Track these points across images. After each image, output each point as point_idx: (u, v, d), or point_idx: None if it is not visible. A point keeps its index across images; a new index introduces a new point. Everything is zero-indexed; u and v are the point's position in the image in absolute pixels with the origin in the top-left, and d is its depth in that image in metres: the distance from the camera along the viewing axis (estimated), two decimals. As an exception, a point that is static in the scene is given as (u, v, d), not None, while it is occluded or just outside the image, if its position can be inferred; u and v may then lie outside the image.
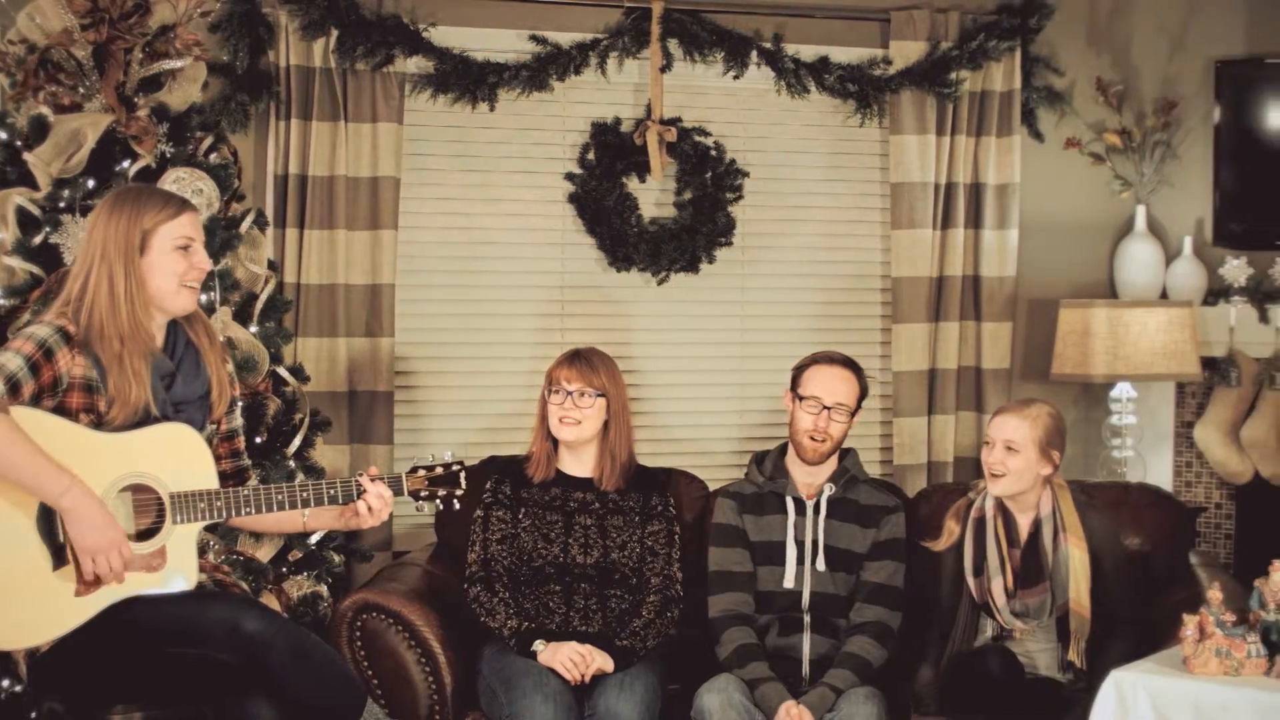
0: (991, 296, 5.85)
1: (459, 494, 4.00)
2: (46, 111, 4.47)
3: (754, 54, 5.61)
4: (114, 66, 4.56)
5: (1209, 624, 3.72)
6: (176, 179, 4.49)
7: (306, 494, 3.78)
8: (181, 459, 3.66)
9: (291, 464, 4.73)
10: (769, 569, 4.54)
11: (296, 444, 4.79)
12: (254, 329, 4.73)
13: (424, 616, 4.36)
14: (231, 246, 4.66)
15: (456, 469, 4.00)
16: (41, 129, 4.45)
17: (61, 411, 3.54)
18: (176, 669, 3.58)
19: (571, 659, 4.23)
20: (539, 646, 4.28)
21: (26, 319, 4.24)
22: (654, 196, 5.67)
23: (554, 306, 5.63)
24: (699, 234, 5.60)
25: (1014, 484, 4.37)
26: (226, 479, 3.83)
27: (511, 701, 4.15)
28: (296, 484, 3.81)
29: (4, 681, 4.14)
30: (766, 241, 5.81)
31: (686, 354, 5.77)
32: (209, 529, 4.30)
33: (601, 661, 4.26)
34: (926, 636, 4.51)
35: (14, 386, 3.44)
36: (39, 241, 4.40)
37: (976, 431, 5.86)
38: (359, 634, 4.35)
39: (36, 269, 4.39)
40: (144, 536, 3.62)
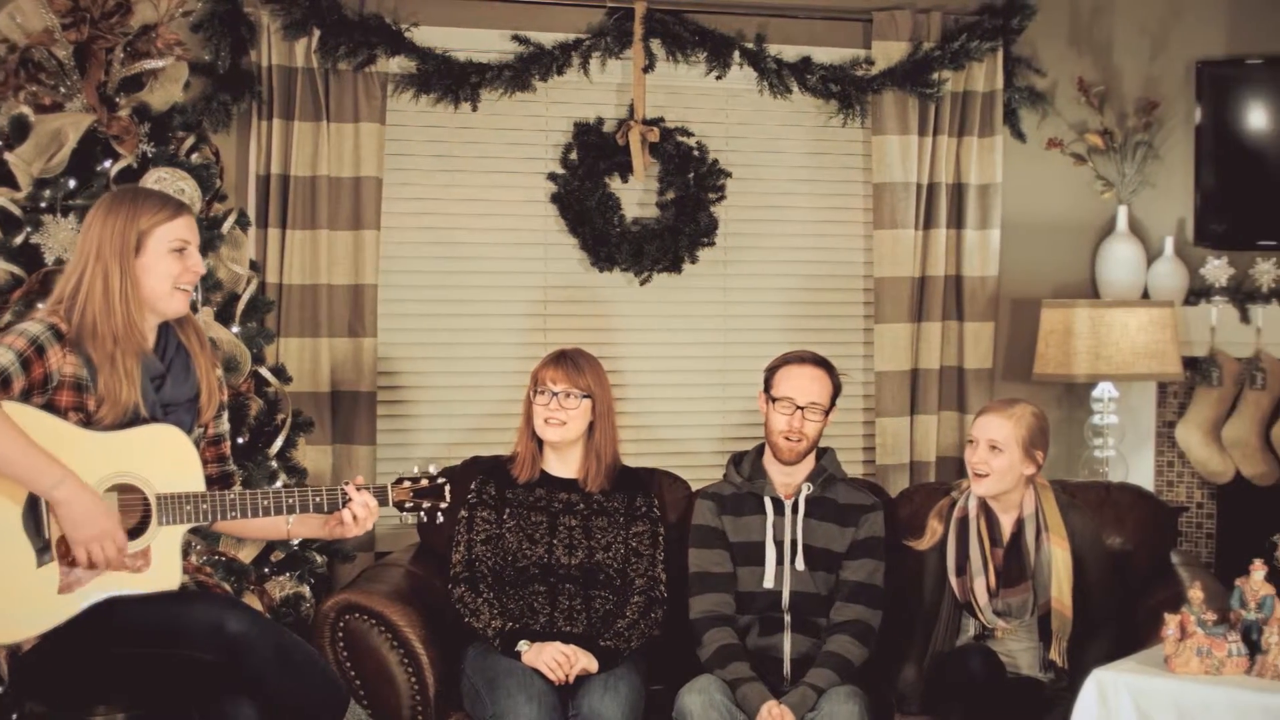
0: (973, 296, 5.86)
1: (443, 506, 4.00)
2: (27, 111, 4.46)
3: (736, 54, 5.61)
4: (95, 66, 4.55)
5: (1190, 623, 3.73)
6: (158, 179, 4.47)
7: (292, 500, 3.78)
8: (169, 460, 3.66)
9: (274, 465, 4.73)
10: (749, 569, 4.54)
11: (279, 445, 4.78)
12: (236, 329, 4.72)
13: (407, 617, 4.35)
14: (213, 247, 4.65)
15: (442, 482, 4.01)
16: (22, 129, 4.43)
17: (50, 409, 3.53)
18: (159, 670, 3.57)
19: (556, 659, 4.23)
20: (523, 647, 4.28)
21: (8, 319, 4.23)
22: (636, 197, 5.67)
23: (537, 307, 5.63)
24: (681, 234, 5.60)
25: (997, 484, 4.38)
26: (211, 483, 3.82)
27: (495, 702, 4.15)
28: (282, 490, 3.80)
29: (-15, 682, 4.13)
30: (749, 242, 5.81)
31: (669, 354, 5.77)
32: (192, 530, 4.28)
33: (586, 662, 4.26)
34: (909, 636, 4.52)
35: (4, 381, 3.44)
36: (20, 242, 4.39)
37: (959, 431, 5.87)
38: (341, 635, 4.34)
39: (17, 269, 4.37)
40: (129, 536, 3.59)
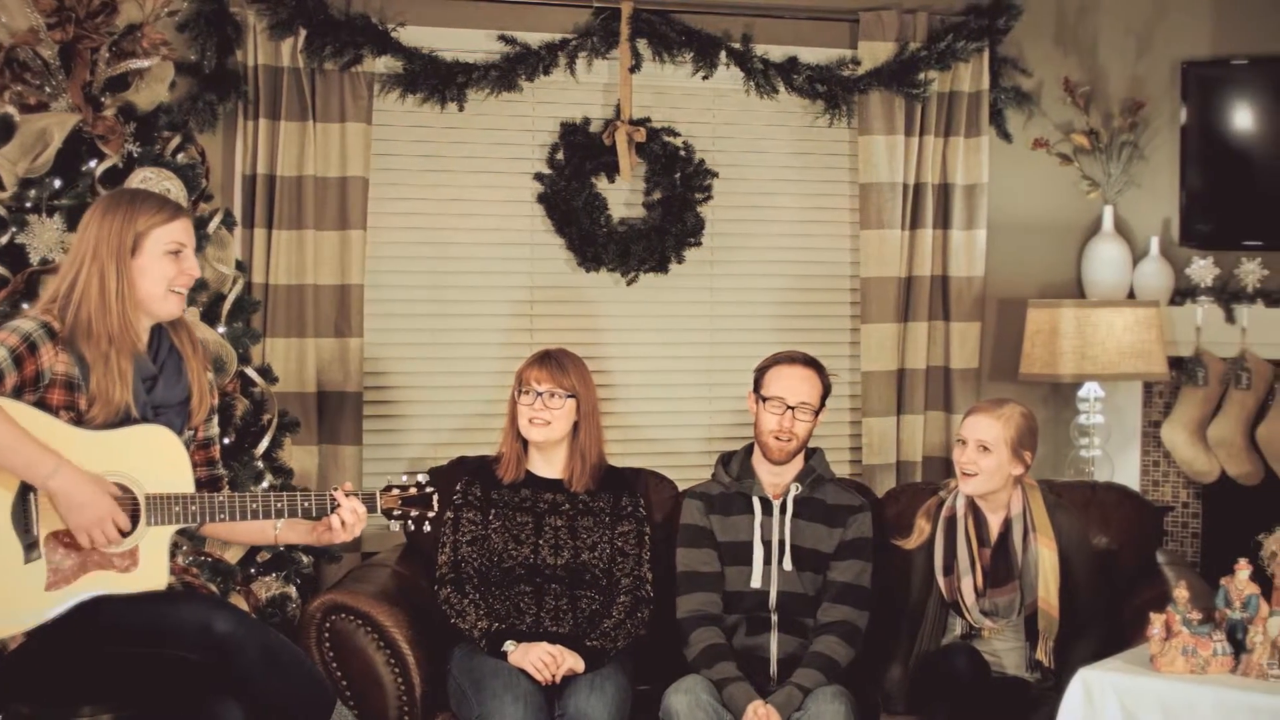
0: (960, 296, 5.86)
1: (430, 516, 4.01)
2: (12, 111, 4.44)
3: (723, 54, 5.61)
4: (80, 66, 4.54)
5: (1175, 622, 3.74)
6: (143, 179, 4.47)
7: (281, 504, 3.78)
8: (159, 461, 3.66)
9: (260, 465, 4.72)
10: (736, 569, 4.54)
11: (265, 445, 4.77)
12: (222, 329, 4.72)
13: (393, 617, 4.35)
14: (199, 247, 4.63)
15: (430, 491, 4.01)
16: (7, 128, 4.42)
17: (41, 407, 3.53)
18: (146, 670, 3.57)
19: (542, 659, 4.23)
20: (509, 647, 4.28)
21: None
22: (623, 197, 5.67)
23: (523, 307, 5.63)
24: (668, 234, 5.60)
25: (985, 483, 4.38)
26: (200, 486, 3.81)
27: (481, 702, 4.14)
28: (271, 494, 3.80)
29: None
30: (735, 242, 5.82)
31: (656, 354, 5.77)
32: (179, 532, 4.28)
33: (572, 662, 4.26)
34: (895, 635, 4.52)
35: None
36: (5, 241, 4.38)
37: (945, 431, 5.88)
38: (328, 635, 4.34)
39: (3, 269, 4.37)
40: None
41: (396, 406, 5.54)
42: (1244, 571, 3.81)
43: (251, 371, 4.83)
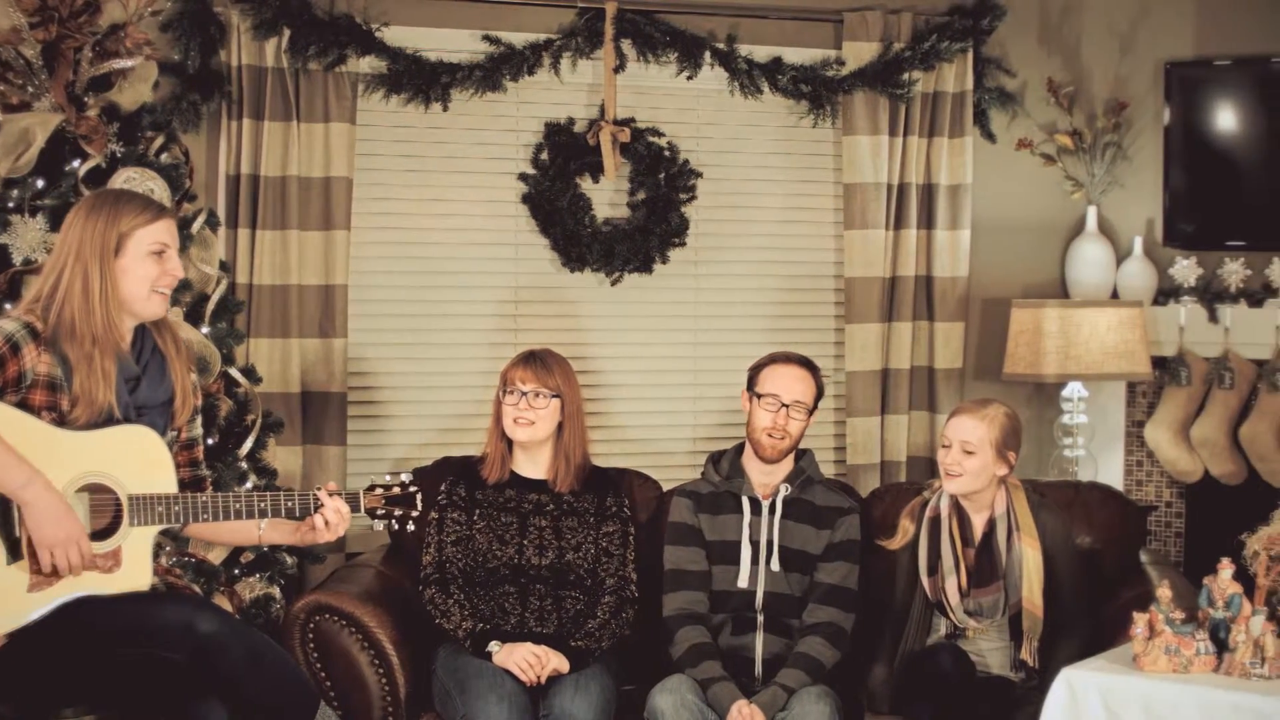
0: (944, 296, 5.87)
1: (414, 515, 4.01)
2: (-5, 111, 4.44)
3: (707, 55, 5.62)
4: (63, 65, 4.52)
5: (1159, 622, 3.74)
6: (127, 179, 4.46)
7: (264, 504, 3.78)
8: (142, 461, 3.65)
9: (244, 465, 4.71)
10: (724, 568, 4.54)
11: (249, 445, 4.76)
12: (206, 330, 4.71)
13: (377, 618, 4.34)
14: (183, 247, 4.61)
15: (414, 490, 4.01)
16: (-10, 128, 4.42)
17: (24, 408, 3.52)
18: (129, 671, 3.56)
19: (527, 660, 4.22)
20: (494, 648, 4.27)
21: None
22: (607, 197, 5.67)
23: (507, 307, 5.62)
24: (652, 234, 5.60)
25: (970, 483, 4.39)
26: (184, 487, 3.80)
27: (466, 703, 4.14)
28: (254, 494, 3.80)
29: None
30: (720, 242, 5.82)
31: (640, 354, 5.78)
32: (162, 533, 4.27)
33: (557, 662, 4.26)
34: (880, 635, 4.53)
35: None
36: (-13, 242, 4.38)
37: (929, 431, 5.89)
38: (312, 636, 4.33)
39: (-14, 269, 4.36)
40: (100, 537, 3.60)
41: (381, 407, 5.53)
42: (1227, 571, 3.81)
43: (235, 372, 4.81)
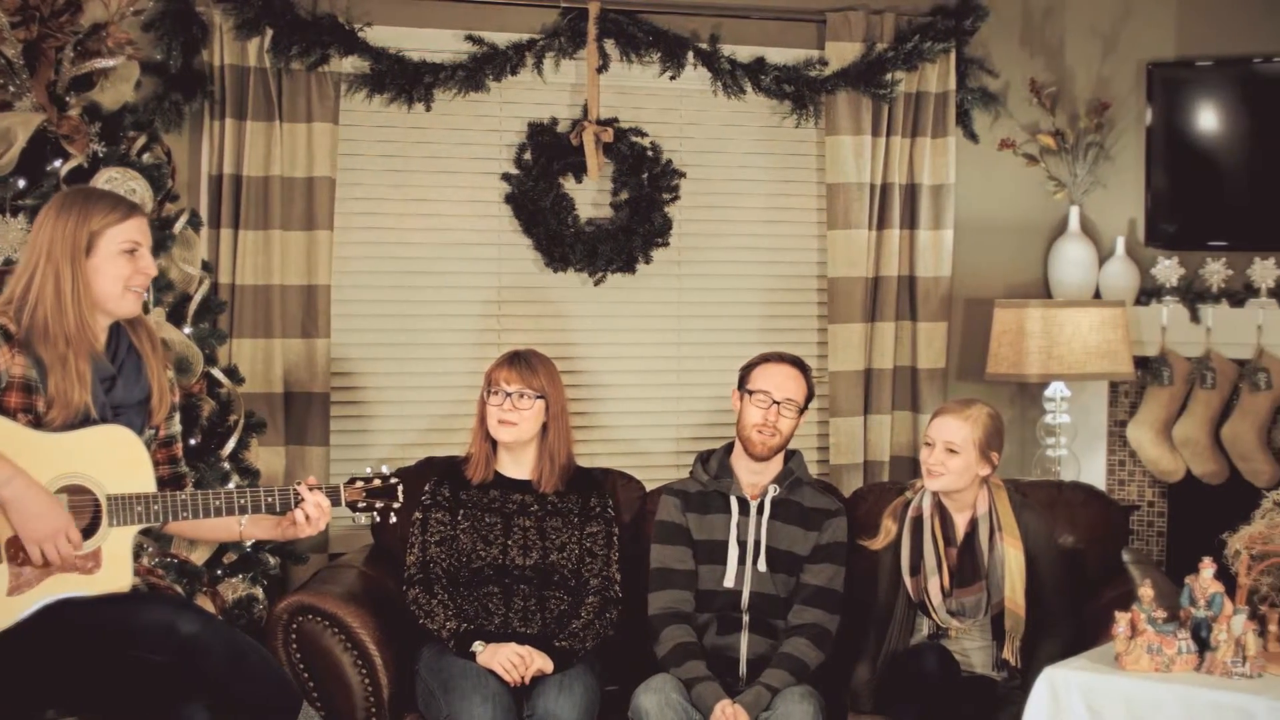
0: (927, 296, 5.88)
1: (396, 507, 4.00)
2: (-24, 110, 4.43)
3: (690, 55, 5.62)
4: (45, 65, 4.51)
5: (1140, 621, 3.75)
6: (109, 179, 4.45)
7: (244, 501, 3.76)
8: (120, 461, 3.64)
9: (226, 466, 4.71)
10: (710, 567, 4.55)
11: (231, 446, 4.75)
12: (188, 330, 4.70)
13: (360, 618, 4.33)
14: (165, 247, 4.62)
15: (395, 482, 4.00)
16: (-30, 128, 4.40)
17: (-1, 411, 3.52)
18: (110, 672, 3.55)
19: (511, 660, 4.22)
20: (478, 648, 4.27)
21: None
22: (591, 197, 5.67)
23: (491, 307, 5.62)
24: (635, 234, 5.60)
25: (952, 482, 4.39)
26: (163, 485, 3.80)
27: (450, 703, 4.14)
28: (234, 490, 3.79)
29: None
30: (703, 242, 5.82)
31: (623, 354, 5.78)
32: (143, 533, 4.26)
33: (541, 663, 4.26)
34: (863, 635, 4.53)
35: None
36: (-32, 241, 4.37)
37: (912, 431, 5.89)
38: (295, 636, 4.33)
39: (-33, 270, 4.35)
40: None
41: (364, 407, 5.53)
42: (1208, 570, 3.82)
43: (218, 372, 4.81)
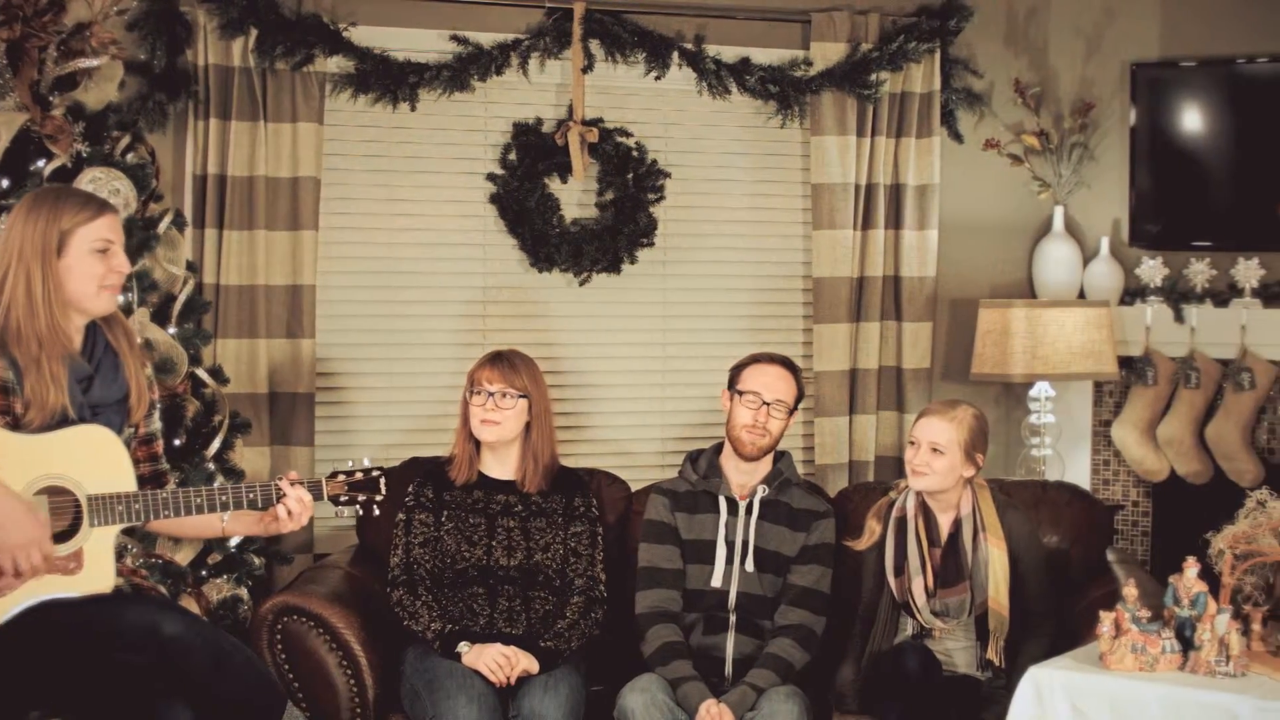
0: (912, 297, 5.89)
1: (379, 499, 3.98)
2: (-41, 110, 4.42)
3: (675, 55, 5.62)
4: (28, 64, 4.50)
5: (1124, 620, 3.76)
6: (93, 179, 4.44)
7: (225, 497, 3.75)
8: (99, 461, 3.62)
9: (211, 466, 4.70)
10: (698, 567, 4.55)
11: (216, 446, 4.75)
12: (172, 330, 4.69)
13: (345, 619, 4.33)
14: (149, 247, 4.62)
15: (377, 474, 3.98)
16: (-46, 128, 4.40)
17: (-24, 414, 3.50)
18: (93, 673, 3.54)
19: (497, 660, 4.22)
20: (464, 649, 4.27)
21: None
22: (576, 197, 5.67)
23: (476, 307, 5.62)
24: (621, 234, 5.60)
25: (937, 483, 4.39)
26: (144, 483, 3.78)
27: (435, 704, 4.13)
28: (215, 487, 3.78)
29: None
30: (688, 242, 5.82)
31: (609, 355, 5.78)
32: (127, 532, 4.25)
33: (527, 663, 4.26)
34: (847, 635, 4.54)
35: None
36: (-48, 242, 4.34)
37: (897, 431, 5.90)
38: (279, 637, 4.32)
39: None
40: (60, 539, 3.57)
41: (349, 407, 5.52)
42: (1192, 569, 3.84)
43: (202, 373, 4.80)
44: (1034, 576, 4.43)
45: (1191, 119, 5.89)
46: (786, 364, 4.66)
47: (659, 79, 5.64)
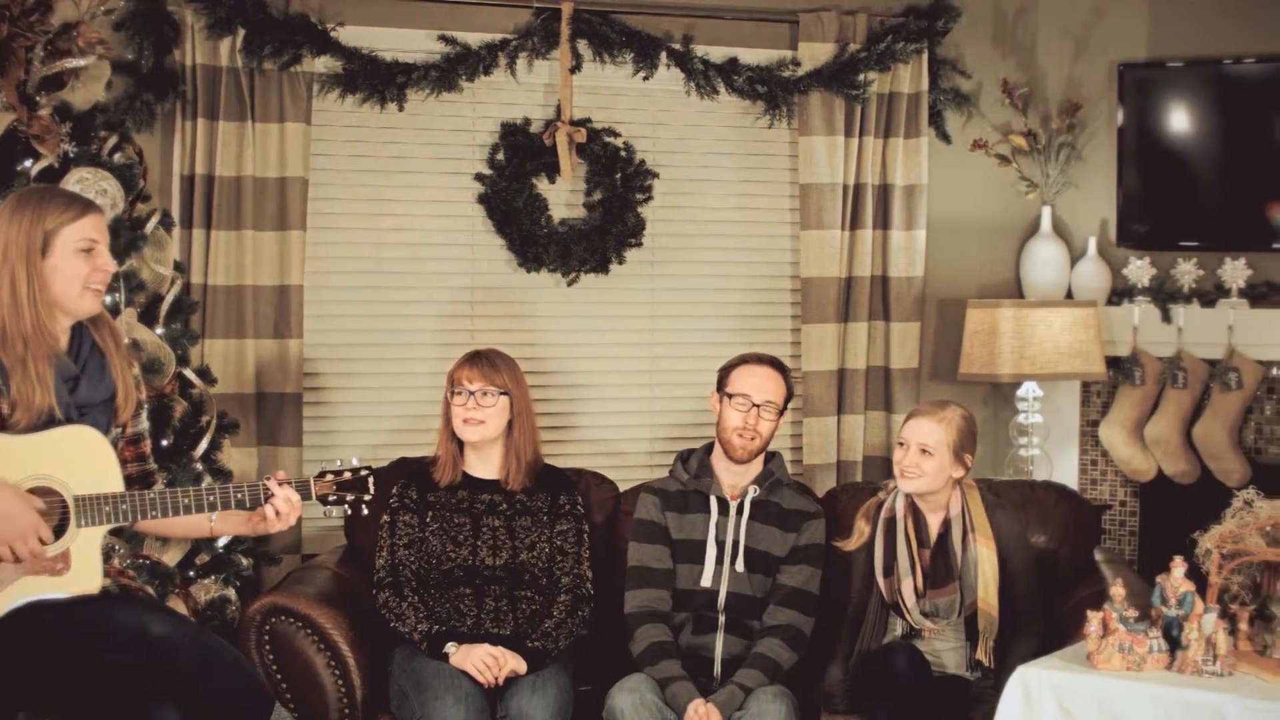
0: (900, 297, 5.89)
1: (367, 499, 3.96)
2: (-55, 110, 4.41)
3: (663, 55, 5.62)
4: (15, 64, 4.49)
5: (1112, 620, 3.77)
6: (80, 179, 4.43)
7: (213, 497, 3.74)
8: (86, 462, 3.61)
9: (199, 467, 4.69)
10: (688, 567, 4.55)
11: (204, 446, 4.74)
12: (160, 331, 4.69)
13: (333, 619, 4.33)
14: (136, 247, 4.61)
15: (365, 474, 3.97)
16: (-60, 128, 4.38)
17: (-38, 414, 3.49)
18: (81, 674, 3.53)
19: (484, 661, 4.22)
20: (451, 649, 4.26)
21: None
22: (564, 197, 5.66)
23: (464, 308, 5.61)
24: (609, 235, 5.60)
25: (926, 484, 4.40)
26: (132, 483, 3.78)
27: (423, 704, 4.13)
28: (203, 487, 3.77)
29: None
30: (676, 242, 5.82)
31: (597, 355, 5.77)
32: (114, 533, 4.24)
33: (514, 663, 4.26)
34: (836, 635, 4.54)
35: None
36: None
37: (885, 431, 5.90)
38: (267, 638, 4.32)
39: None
40: (46, 541, 3.57)
41: (337, 408, 5.51)
42: (1179, 569, 3.84)
43: (190, 373, 4.80)
44: (1022, 576, 4.43)
45: (1179, 119, 5.90)
46: (775, 364, 4.66)
47: (647, 79, 5.64)
